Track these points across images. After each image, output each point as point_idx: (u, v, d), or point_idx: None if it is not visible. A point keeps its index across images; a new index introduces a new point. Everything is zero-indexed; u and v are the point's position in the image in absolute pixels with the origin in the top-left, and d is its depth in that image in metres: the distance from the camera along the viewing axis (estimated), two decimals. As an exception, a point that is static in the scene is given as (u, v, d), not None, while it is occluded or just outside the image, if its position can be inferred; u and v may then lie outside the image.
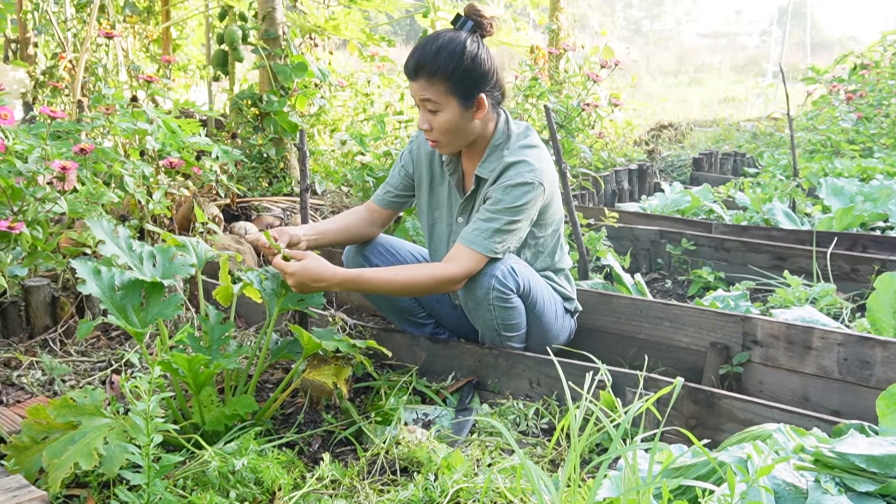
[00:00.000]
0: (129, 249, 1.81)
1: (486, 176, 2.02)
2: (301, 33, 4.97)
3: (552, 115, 3.01)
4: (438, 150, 2.03)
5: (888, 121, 6.06)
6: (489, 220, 1.95)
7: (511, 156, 1.98)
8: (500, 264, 1.97)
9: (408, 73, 1.93)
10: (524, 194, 1.94)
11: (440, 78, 1.88)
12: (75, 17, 5.19)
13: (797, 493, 1.25)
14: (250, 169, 4.04)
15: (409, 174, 2.25)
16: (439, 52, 1.87)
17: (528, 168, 1.95)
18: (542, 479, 1.23)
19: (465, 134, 1.98)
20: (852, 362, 1.98)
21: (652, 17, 34.60)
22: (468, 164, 2.12)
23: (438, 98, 1.90)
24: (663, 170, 6.03)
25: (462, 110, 1.93)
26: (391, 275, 1.96)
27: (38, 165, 2.34)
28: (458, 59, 1.87)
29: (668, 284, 3.25)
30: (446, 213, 2.19)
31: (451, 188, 2.16)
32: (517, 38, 6.43)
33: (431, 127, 1.95)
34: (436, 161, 2.19)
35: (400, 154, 2.30)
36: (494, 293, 1.96)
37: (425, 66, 1.88)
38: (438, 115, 1.93)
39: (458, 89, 1.90)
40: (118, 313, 1.70)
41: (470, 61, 1.88)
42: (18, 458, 1.51)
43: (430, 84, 1.89)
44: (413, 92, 1.95)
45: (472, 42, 1.91)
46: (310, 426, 1.91)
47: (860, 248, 3.27)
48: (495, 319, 2.02)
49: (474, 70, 1.90)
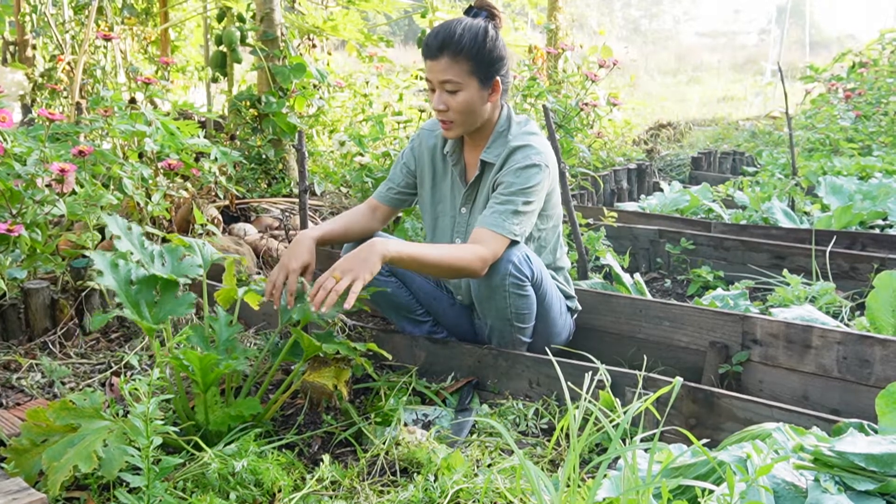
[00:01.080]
0: (141, 247, 1.82)
1: (492, 160, 2.06)
2: (299, 34, 4.97)
3: (551, 114, 3.01)
4: (448, 131, 2.04)
5: (887, 119, 6.07)
6: (505, 203, 1.97)
7: (515, 140, 2.04)
8: (517, 250, 1.98)
9: (430, 52, 1.95)
10: (534, 175, 1.99)
11: (465, 57, 1.92)
12: (73, 20, 5.20)
13: (797, 493, 1.25)
14: (249, 170, 4.04)
15: (411, 171, 2.27)
16: (464, 32, 1.92)
17: (535, 151, 2.01)
18: (542, 479, 1.23)
19: (477, 116, 2.02)
20: (851, 361, 1.98)
21: (650, 16, 34.60)
22: (470, 153, 2.15)
23: (461, 77, 1.94)
24: (662, 169, 6.03)
25: (480, 91, 1.98)
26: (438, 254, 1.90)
27: (36, 168, 2.34)
28: (482, 40, 1.93)
29: (668, 284, 3.25)
30: (450, 205, 2.21)
31: (454, 180, 2.19)
32: (515, 37, 6.43)
33: (448, 107, 1.97)
34: (437, 155, 2.21)
35: (401, 152, 2.32)
36: (511, 279, 1.97)
37: (450, 45, 1.92)
38: (458, 95, 1.96)
39: (480, 69, 1.95)
40: (132, 308, 1.72)
41: (492, 44, 1.95)
42: (18, 461, 1.50)
43: (455, 62, 1.93)
44: (432, 72, 1.96)
45: (492, 27, 1.98)
46: (310, 427, 1.91)
47: (859, 247, 3.27)
48: (509, 308, 2.02)
49: (494, 52, 1.96)
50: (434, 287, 2.30)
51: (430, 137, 2.23)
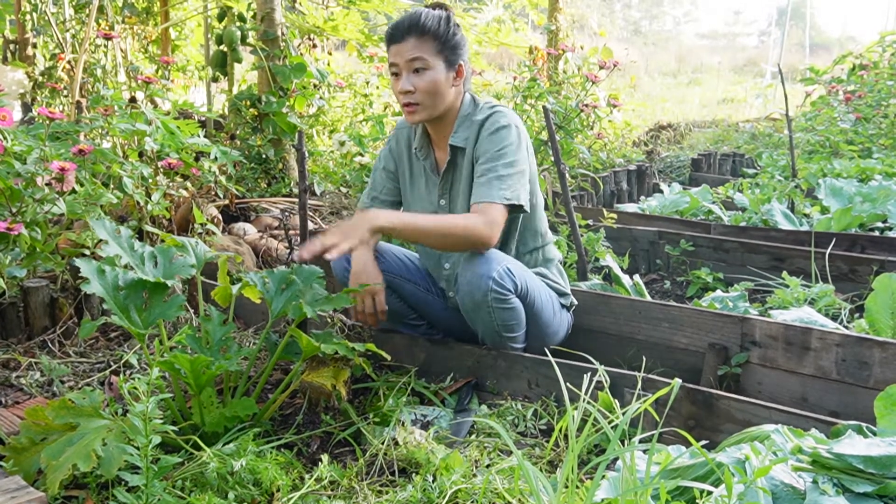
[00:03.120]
0: (130, 250, 1.81)
1: (461, 144, 2.08)
2: (300, 34, 4.97)
3: (551, 115, 3.01)
4: (412, 115, 2.04)
5: (887, 121, 6.07)
6: (486, 174, 2.00)
7: (481, 114, 2.09)
8: (497, 265, 1.97)
9: (397, 36, 1.99)
10: (505, 136, 2.03)
11: (431, 37, 1.98)
12: (74, 18, 5.20)
13: (795, 494, 1.25)
14: (249, 170, 4.04)
15: (391, 172, 2.28)
16: (428, 16, 1.99)
17: (501, 115, 2.06)
18: (540, 480, 1.23)
19: (442, 99, 2.04)
20: (850, 363, 1.99)
21: (651, 17, 34.61)
22: (438, 144, 2.17)
23: (429, 55, 1.98)
24: (662, 170, 6.03)
25: (446, 72, 2.01)
26: (432, 222, 1.99)
27: (36, 166, 2.34)
28: (445, 23, 2.00)
29: (667, 285, 3.25)
30: (427, 201, 2.21)
31: (427, 175, 2.20)
32: (516, 38, 6.44)
33: (415, 88, 1.99)
34: (411, 152, 2.23)
35: (379, 156, 2.31)
36: (493, 294, 1.96)
37: (417, 27, 1.97)
38: (425, 74, 1.99)
39: (445, 50, 2.00)
40: (121, 313, 1.70)
41: (455, 28, 2.02)
42: (17, 460, 1.51)
43: (422, 42, 1.97)
44: (399, 55, 1.99)
45: (450, 15, 2.04)
46: (308, 427, 1.91)
47: (859, 249, 3.27)
48: (495, 321, 2.02)
49: (457, 36, 2.03)
50: (425, 292, 2.29)
51: (405, 133, 2.25)
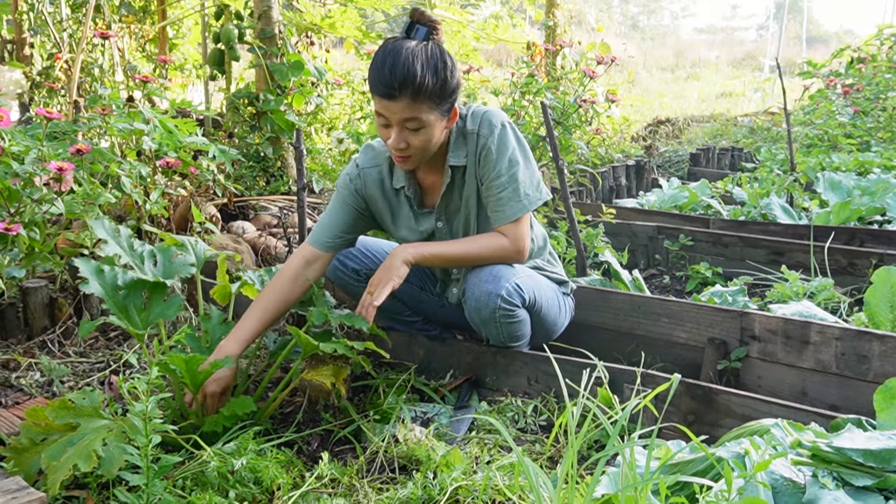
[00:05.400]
0: (130, 249, 1.81)
1: (461, 163, 1.96)
2: (297, 31, 4.96)
3: (549, 111, 3.01)
4: (405, 163, 1.92)
5: (885, 115, 6.07)
6: (505, 186, 1.95)
7: (471, 122, 1.95)
8: (505, 283, 1.95)
9: (387, 91, 1.75)
10: (505, 139, 1.94)
11: (426, 96, 1.76)
12: (71, 18, 5.18)
13: (795, 488, 1.25)
14: (247, 168, 4.03)
15: (363, 211, 2.10)
16: (424, 71, 1.75)
17: (486, 119, 1.95)
18: (540, 476, 1.23)
19: (437, 144, 1.89)
20: (850, 357, 1.99)
21: (648, 12, 34.60)
22: (424, 172, 2.05)
23: (424, 116, 1.79)
24: (661, 165, 6.03)
25: (440, 122, 1.85)
26: (462, 249, 1.99)
27: (34, 166, 2.33)
28: (442, 76, 1.78)
29: (666, 280, 3.25)
30: (416, 233, 2.10)
31: (412, 206, 2.08)
32: (514, 34, 6.43)
33: (409, 145, 1.83)
34: (388, 190, 2.08)
35: (338, 197, 2.09)
36: (500, 312, 1.97)
37: (411, 86, 1.74)
38: (420, 133, 1.82)
39: (441, 105, 1.81)
40: (120, 313, 1.70)
41: (449, 74, 1.80)
42: (17, 460, 1.51)
43: (415, 103, 1.76)
44: (390, 111, 1.78)
45: (443, 52, 1.82)
46: (309, 425, 1.91)
47: (858, 243, 3.27)
48: (501, 334, 2.03)
49: (453, 81, 1.82)
50: (419, 290, 2.27)
51: (372, 173, 2.06)
